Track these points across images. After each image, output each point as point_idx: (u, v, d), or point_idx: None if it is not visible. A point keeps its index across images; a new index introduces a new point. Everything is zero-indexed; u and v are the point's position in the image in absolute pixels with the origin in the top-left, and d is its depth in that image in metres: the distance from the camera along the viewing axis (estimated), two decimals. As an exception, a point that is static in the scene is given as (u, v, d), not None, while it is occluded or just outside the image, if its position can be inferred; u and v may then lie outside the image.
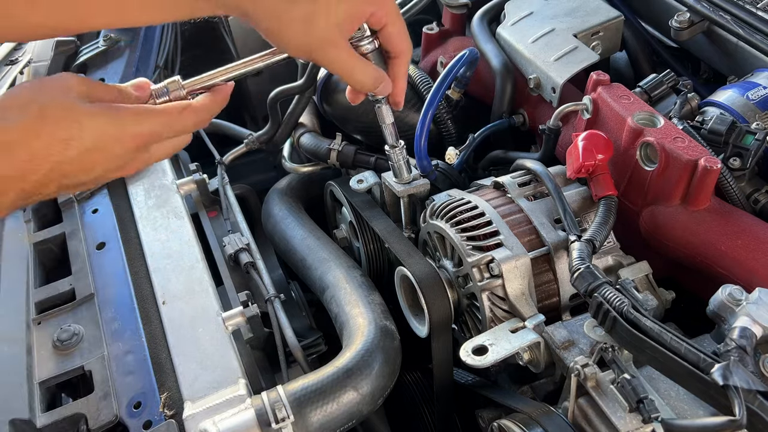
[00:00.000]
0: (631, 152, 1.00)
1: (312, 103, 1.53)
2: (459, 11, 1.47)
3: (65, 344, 0.98)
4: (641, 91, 1.13)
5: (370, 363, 0.90)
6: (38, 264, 1.17)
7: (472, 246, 0.96)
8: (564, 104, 1.12)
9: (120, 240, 1.14)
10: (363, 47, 0.85)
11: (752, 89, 1.07)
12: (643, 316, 0.76)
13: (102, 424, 0.88)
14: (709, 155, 0.93)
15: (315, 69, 1.43)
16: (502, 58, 1.27)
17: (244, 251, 1.16)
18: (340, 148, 1.41)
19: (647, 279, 0.95)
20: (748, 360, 0.71)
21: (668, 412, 0.75)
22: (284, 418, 0.81)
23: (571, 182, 1.06)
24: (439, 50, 1.45)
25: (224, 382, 0.88)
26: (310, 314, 1.20)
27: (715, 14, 1.19)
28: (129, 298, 1.03)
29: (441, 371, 1.02)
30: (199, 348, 0.93)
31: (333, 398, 0.86)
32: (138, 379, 0.92)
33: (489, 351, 0.87)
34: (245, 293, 1.08)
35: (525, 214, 0.99)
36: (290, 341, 1.03)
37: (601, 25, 1.25)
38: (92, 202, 1.24)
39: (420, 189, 1.11)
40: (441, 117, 1.35)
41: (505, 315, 0.94)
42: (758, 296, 0.79)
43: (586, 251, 0.87)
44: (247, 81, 1.89)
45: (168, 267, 1.06)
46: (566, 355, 0.85)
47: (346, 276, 1.07)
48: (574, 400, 0.80)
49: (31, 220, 1.24)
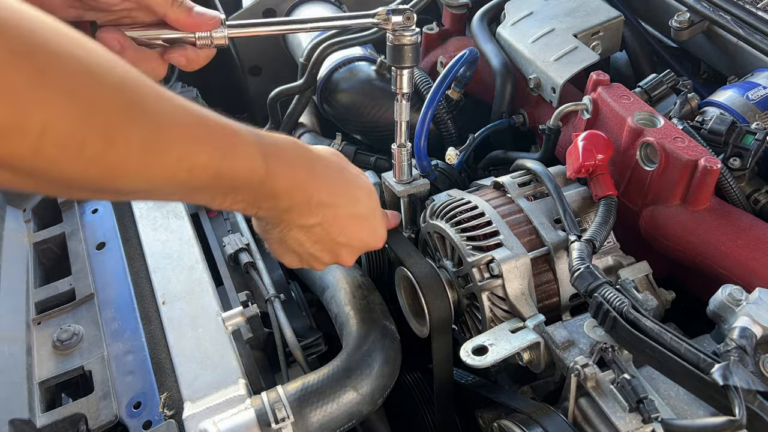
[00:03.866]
0: (631, 152, 1.00)
1: (312, 103, 1.54)
2: (459, 11, 1.47)
3: (65, 344, 0.98)
4: (641, 91, 1.13)
5: (370, 363, 0.90)
6: (38, 264, 1.17)
7: (472, 246, 0.96)
8: (564, 104, 1.11)
9: (120, 240, 1.14)
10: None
11: (752, 89, 1.07)
12: (643, 316, 0.76)
13: (102, 424, 0.88)
14: (709, 155, 0.92)
15: (315, 69, 1.43)
16: (502, 58, 1.27)
17: (244, 251, 1.16)
18: (340, 148, 1.41)
19: (647, 279, 0.95)
20: (748, 360, 0.71)
21: (668, 412, 0.75)
22: (284, 418, 0.81)
23: (571, 182, 1.06)
24: (439, 50, 1.45)
25: (224, 382, 0.88)
26: (310, 314, 1.20)
27: (715, 14, 1.19)
28: (129, 298, 1.03)
29: (441, 371, 1.02)
30: (199, 348, 0.93)
31: (333, 398, 0.86)
32: (138, 379, 0.92)
33: (489, 351, 0.87)
34: (245, 293, 1.08)
35: (525, 214, 0.99)
36: (290, 341, 1.03)
37: (601, 25, 1.25)
38: (92, 202, 1.24)
39: (420, 189, 1.11)
40: (441, 117, 1.35)
41: (505, 315, 0.94)
42: (758, 296, 0.79)
43: (586, 251, 0.87)
44: (247, 81, 1.89)
45: (168, 267, 1.06)
46: (566, 355, 0.85)
47: (346, 276, 1.07)
48: (574, 400, 0.80)
49: (31, 220, 1.24)
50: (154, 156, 0.54)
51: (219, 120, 0.63)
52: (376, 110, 1.39)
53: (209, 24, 0.85)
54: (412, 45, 0.90)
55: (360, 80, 1.42)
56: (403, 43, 0.89)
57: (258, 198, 0.71)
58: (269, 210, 0.75)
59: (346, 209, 0.81)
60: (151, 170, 0.55)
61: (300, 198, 0.75)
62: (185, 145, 0.57)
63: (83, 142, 0.48)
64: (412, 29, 0.90)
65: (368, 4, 1.76)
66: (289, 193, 0.73)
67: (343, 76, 1.43)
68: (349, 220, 0.82)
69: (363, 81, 1.41)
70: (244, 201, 0.70)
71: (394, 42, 0.91)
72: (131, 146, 0.52)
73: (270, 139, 0.71)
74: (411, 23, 0.89)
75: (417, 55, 0.93)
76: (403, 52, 0.92)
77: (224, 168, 0.62)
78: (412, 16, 0.88)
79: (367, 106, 1.39)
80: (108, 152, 0.50)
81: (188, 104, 0.59)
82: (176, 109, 0.57)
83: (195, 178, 0.60)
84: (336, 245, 0.84)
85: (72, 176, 0.50)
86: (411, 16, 0.89)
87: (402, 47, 0.91)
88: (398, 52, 0.92)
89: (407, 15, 0.89)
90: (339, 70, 1.44)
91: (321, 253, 0.84)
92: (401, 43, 0.90)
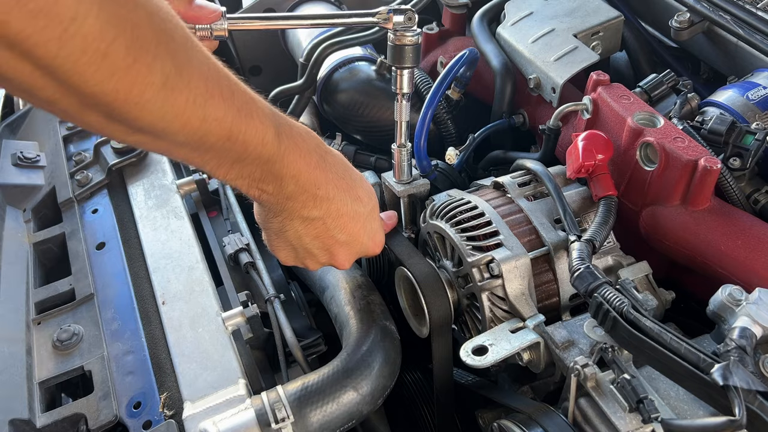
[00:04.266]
0: (631, 152, 1.00)
1: (312, 103, 1.53)
2: (459, 11, 1.47)
3: (65, 344, 0.98)
4: (641, 91, 1.13)
5: (370, 363, 0.90)
6: (38, 264, 1.17)
7: (472, 246, 0.96)
8: (564, 104, 1.11)
9: (120, 240, 1.14)
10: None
11: (752, 89, 1.07)
12: (643, 317, 0.76)
13: (102, 424, 0.88)
14: (709, 155, 0.92)
15: (315, 69, 1.43)
16: (502, 58, 1.27)
17: (244, 251, 1.16)
18: (340, 148, 1.41)
19: (647, 279, 0.95)
20: (748, 360, 0.71)
21: (668, 412, 0.75)
22: (284, 418, 0.81)
23: (571, 182, 1.06)
24: (439, 50, 1.45)
25: (224, 382, 0.88)
26: (310, 314, 1.20)
27: (715, 14, 1.19)
28: (129, 298, 1.03)
29: (441, 371, 1.02)
30: (199, 348, 0.93)
31: (333, 398, 0.86)
32: (138, 379, 0.92)
33: (489, 351, 0.87)
34: (245, 293, 1.08)
35: (525, 214, 0.99)
36: (290, 341, 1.03)
37: (601, 25, 1.25)
38: (92, 202, 1.24)
39: (420, 189, 1.11)
40: (441, 117, 1.35)
41: (505, 315, 0.94)
42: (758, 296, 0.79)
43: (586, 251, 0.87)
44: (248, 81, 1.89)
45: (168, 267, 1.06)
46: (566, 355, 0.85)
47: (346, 276, 1.07)
48: (574, 400, 0.80)
49: (31, 220, 1.24)
50: (172, 91, 0.55)
51: (240, 84, 0.64)
52: (376, 110, 1.39)
53: (209, 17, 0.85)
54: (413, 45, 0.90)
55: (360, 80, 1.42)
56: (404, 43, 0.89)
57: (264, 176, 0.71)
58: (272, 194, 0.74)
59: (349, 207, 0.81)
60: (167, 105, 0.55)
61: (306, 184, 0.74)
62: (203, 91, 0.58)
63: (108, 47, 0.48)
64: (414, 29, 0.90)
65: (369, 3, 1.76)
66: (296, 177, 0.73)
67: (343, 76, 1.43)
68: (351, 218, 0.82)
69: (363, 81, 1.41)
70: (249, 176, 0.70)
71: (395, 42, 0.91)
72: (152, 73, 0.52)
73: (286, 120, 0.71)
74: (412, 23, 0.89)
75: (417, 56, 0.92)
76: (403, 52, 0.92)
77: (236, 130, 0.63)
78: (414, 16, 0.88)
79: (367, 106, 1.39)
80: (129, 69, 0.51)
81: (214, 59, 0.60)
82: (201, 57, 0.58)
83: (207, 131, 0.60)
84: (334, 243, 0.83)
85: (89, 84, 0.50)
86: (412, 16, 0.89)
87: (403, 47, 0.91)
88: (399, 52, 0.92)
89: (409, 15, 0.89)
90: (339, 70, 1.44)
91: (318, 251, 0.84)
92: (402, 43, 0.90)
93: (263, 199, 0.77)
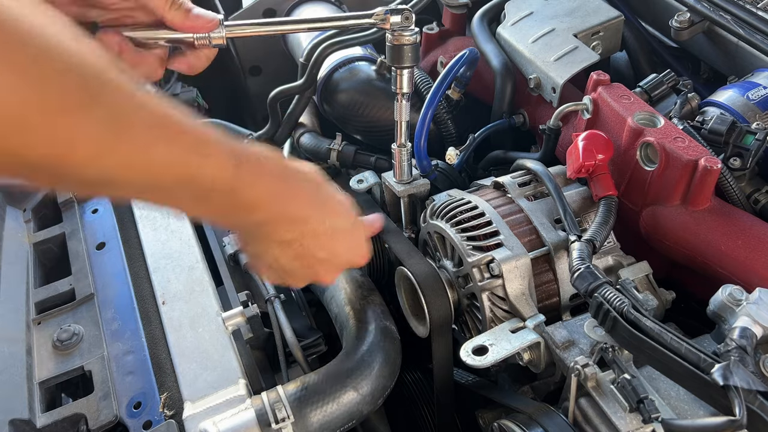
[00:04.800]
0: (632, 152, 1.00)
1: (312, 103, 1.53)
2: (459, 11, 1.47)
3: (65, 344, 0.98)
4: (641, 91, 1.13)
5: (370, 363, 0.90)
6: (38, 264, 1.16)
7: (472, 246, 0.96)
8: (564, 104, 1.11)
9: (120, 240, 1.14)
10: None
11: (752, 89, 1.07)
12: (644, 316, 0.76)
13: (102, 424, 0.88)
14: (710, 155, 0.92)
15: (315, 69, 1.43)
16: (502, 58, 1.27)
17: (244, 251, 1.16)
18: (340, 148, 1.41)
19: (647, 279, 0.95)
20: (749, 360, 0.71)
21: (668, 412, 0.75)
22: (284, 419, 0.81)
23: (571, 182, 1.06)
24: (439, 50, 1.45)
25: (224, 383, 0.88)
26: (310, 314, 1.20)
27: (715, 14, 1.19)
28: (129, 298, 1.03)
29: (441, 371, 1.02)
30: (199, 348, 0.93)
31: (333, 398, 0.86)
32: (138, 379, 0.92)
33: (489, 351, 0.87)
34: (245, 293, 1.08)
35: (525, 214, 0.99)
36: (290, 341, 1.03)
37: (601, 25, 1.24)
38: (92, 202, 1.24)
39: (420, 189, 1.11)
40: (441, 117, 1.35)
41: (505, 315, 0.94)
42: (758, 296, 0.79)
43: (586, 251, 0.87)
44: (247, 81, 1.89)
45: (168, 267, 1.06)
46: (566, 355, 0.85)
47: (346, 276, 1.07)
48: (575, 400, 0.80)
49: (31, 220, 1.24)
50: (113, 143, 0.54)
51: (186, 122, 0.61)
52: (376, 110, 1.39)
53: (207, 26, 0.85)
54: (412, 45, 0.90)
55: (360, 80, 1.42)
56: (402, 43, 0.89)
57: (230, 209, 0.69)
58: (244, 223, 0.74)
59: (326, 224, 0.79)
60: (103, 159, 0.54)
61: (276, 209, 0.73)
62: (141, 140, 0.56)
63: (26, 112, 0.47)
64: (411, 29, 0.90)
65: (369, 4, 1.76)
66: (262, 205, 0.71)
67: (343, 76, 1.43)
68: (329, 236, 0.80)
69: (363, 81, 1.41)
70: (216, 210, 0.69)
71: (394, 42, 0.91)
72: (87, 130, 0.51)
73: (246, 148, 0.69)
74: (410, 23, 0.89)
75: (417, 55, 0.92)
76: (402, 51, 0.92)
77: (186, 170, 0.61)
78: (411, 15, 0.88)
79: (367, 106, 1.39)
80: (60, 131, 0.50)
81: (159, 102, 0.58)
82: (136, 104, 0.56)
83: (156, 176, 0.59)
84: (315, 262, 0.81)
85: (19, 151, 0.49)
86: (409, 15, 0.89)
87: (401, 47, 0.91)
88: (398, 52, 0.92)
89: (405, 15, 0.89)
90: (339, 70, 1.44)
91: (300, 270, 0.82)
92: (400, 43, 0.90)
93: (237, 228, 0.77)
